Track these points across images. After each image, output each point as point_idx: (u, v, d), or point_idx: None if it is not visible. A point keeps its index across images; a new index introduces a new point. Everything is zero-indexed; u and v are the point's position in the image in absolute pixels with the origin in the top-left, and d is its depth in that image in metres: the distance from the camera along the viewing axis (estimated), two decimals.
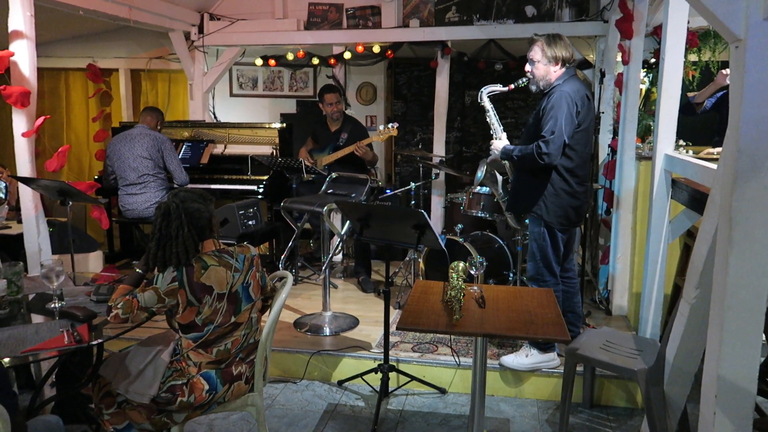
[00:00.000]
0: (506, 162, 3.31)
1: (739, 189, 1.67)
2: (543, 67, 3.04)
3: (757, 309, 1.72)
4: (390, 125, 4.39)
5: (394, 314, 3.99)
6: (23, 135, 3.27)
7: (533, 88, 3.13)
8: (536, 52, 3.04)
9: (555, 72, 3.04)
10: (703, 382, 1.88)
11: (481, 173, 3.41)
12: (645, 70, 4.57)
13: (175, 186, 4.45)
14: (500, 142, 3.20)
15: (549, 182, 3.03)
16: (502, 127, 3.26)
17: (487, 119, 3.27)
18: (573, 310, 3.32)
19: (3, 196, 3.08)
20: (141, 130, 4.40)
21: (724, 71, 4.05)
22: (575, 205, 3.09)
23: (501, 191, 3.46)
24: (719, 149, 3.67)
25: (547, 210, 3.05)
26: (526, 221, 3.43)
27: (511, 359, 3.22)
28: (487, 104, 3.25)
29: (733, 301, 1.72)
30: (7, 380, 1.74)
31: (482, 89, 3.24)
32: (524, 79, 3.15)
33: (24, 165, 3.32)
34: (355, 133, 4.66)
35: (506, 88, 3.21)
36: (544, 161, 2.90)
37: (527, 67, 3.10)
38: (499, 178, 3.43)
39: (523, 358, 3.20)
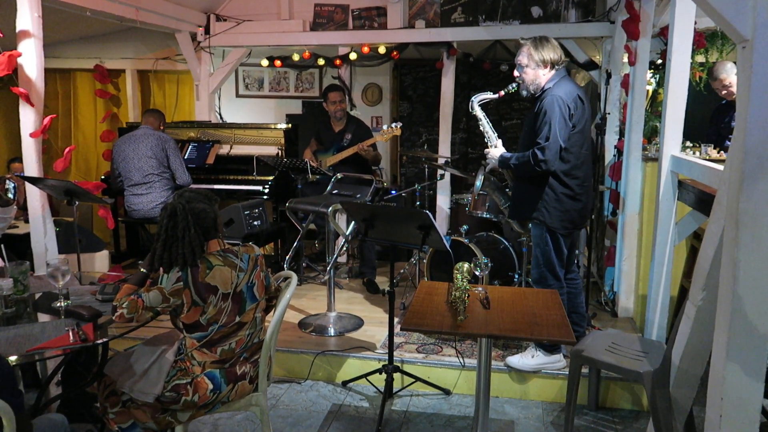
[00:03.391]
0: (504, 170, 3.29)
1: (746, 190, 1.66)
2: (531, 72, 2.99)
3: (764, 311, 1.71)
4: (394, 125, 4.39)
5: (399, 315, 3.98)
6: (31, 135, 3.29)
7: (524, 93, 3.07)
8: (524, 57, 2.99)
9: (545, 75, 2.99)
10: (709, 384, 1.87)
11: (479, 182, 3.40)
12: (652, 71, 4.55)
13: (178, 185, 4.47)
14: (497, 150, 3.16)
15: (549, 187, 2.99)
16: (496, 134, 3.21)
17: (480, 128, 3.23)
18: (576, 311, 3.31)
19: (12, 196, 3.11)
20: (145, 131, 4.43)
21: None
22: (578, 208, 3.06)
23: (502, 198, 3.44)
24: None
25: (549, 215, 3.02)
26: (530, 225, 3.42)
27: (517, 359, 3.22)
28: (479, 113, 3.20)
29: (740, 303, 1.71)
30: (12, 379, 1.75)
31: (473, 98, 3.18)
32: (514, 85, 3.09)
33: (31, 165, 3.34)
34: (359, 133, 4.67)
35: (496, 96, 3.15)
36: (542, 168, 2.88)
37: (516, 73, 3.05)
38: (496, 185, 3.42)
39: (529, 358, 3.20)
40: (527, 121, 3.08)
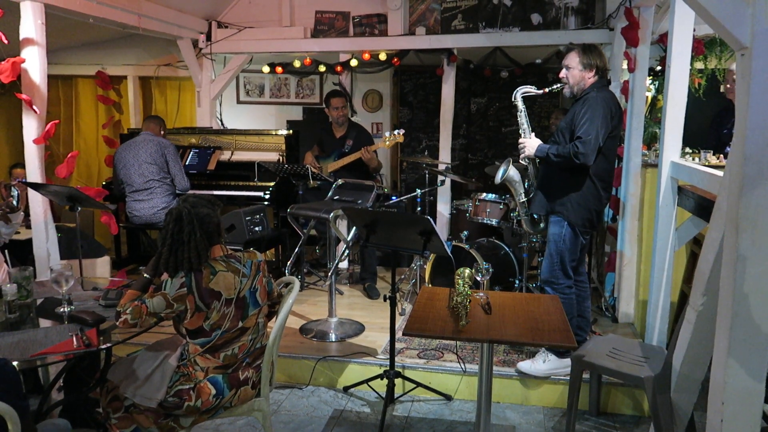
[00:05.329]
0: (530, 164, 3.32)
1: (746, 196, 1.68)
2: (578, 73, 3.09)
3: (764, 316, 1.72)
4: (396, 132, 4.41)
5: (400, 320, 3.99)
6: (34, 141, 3.31)
7: (567, 93, 3.17)
8: (572, 59, 3.10)
9: (590, 79, 3.08)
10: (710, 389, 1.88)
11: (504, 170, 3.40)
12: (651, 77, 4.58)
13: (177, 191, 4.49)
14: (533, 140, 3.22)
15: (578, 184, 3.07)
16: (530, 128, 3.28)
17: (518, 118, 3.31)
18: (582, 315, 3.32)
19: (15, 203, 3.14)
20: (145, 137, 4.45)
21: None
22: (598, 209, 3.13)
23: (521, 192, 3.46)
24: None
25: (573, 211, 3.08)
26: (541, 225, 3.44)
27: (528, 365, 3.22)
28: (520, 104, 3.29)
29: (740, 308, 1.72)
30: (19, 383, 1.76)
31: (517, 89, 3.28)
32: (558, 85, 3.19)
33: (34, 171, 3.36)
34: (361, 140, 4.69)
35: (540, 91, 3.24)
36: (580, 161, 2.93)
37: (562, 73, 3.15)
38: (519, 177, 3.43)
39: (540, 363, 3.20)
40: (565, 120, 3.14)
